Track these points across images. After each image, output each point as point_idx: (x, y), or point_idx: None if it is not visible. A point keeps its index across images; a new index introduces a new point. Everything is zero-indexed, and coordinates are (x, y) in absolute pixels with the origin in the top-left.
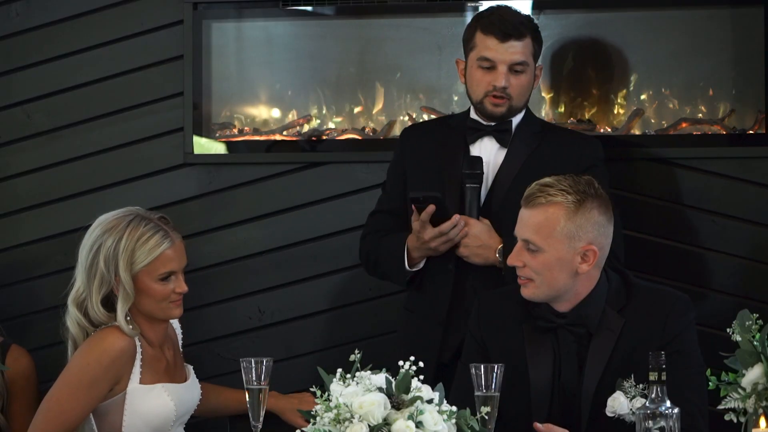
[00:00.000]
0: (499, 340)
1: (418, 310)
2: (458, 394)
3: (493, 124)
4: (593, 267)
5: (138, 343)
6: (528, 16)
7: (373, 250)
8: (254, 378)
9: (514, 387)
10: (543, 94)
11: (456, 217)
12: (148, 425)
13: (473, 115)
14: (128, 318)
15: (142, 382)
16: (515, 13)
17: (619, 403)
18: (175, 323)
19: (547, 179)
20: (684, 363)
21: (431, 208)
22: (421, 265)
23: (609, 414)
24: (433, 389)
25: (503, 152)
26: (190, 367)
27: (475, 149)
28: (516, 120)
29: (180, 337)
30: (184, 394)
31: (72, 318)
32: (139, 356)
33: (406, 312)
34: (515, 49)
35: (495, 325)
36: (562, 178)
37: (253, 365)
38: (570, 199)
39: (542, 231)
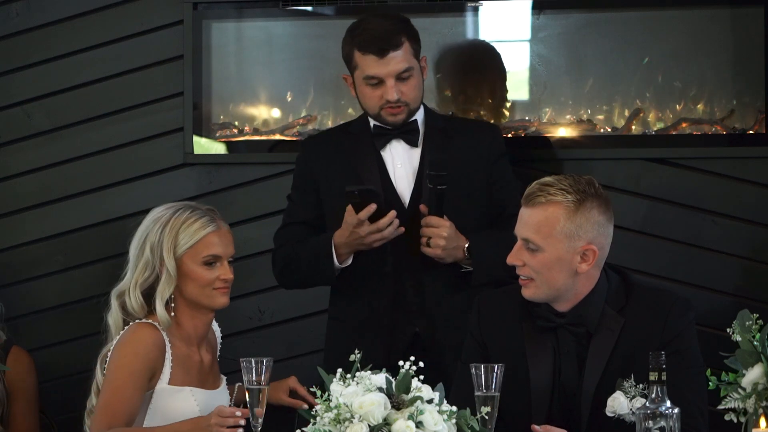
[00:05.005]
0: (499, 339)
1: (351, 318)
2: (458, 394)
3: (398, 126)
4: (593, 267)
5: (167, 340)
6: (398, 18)
7: (293, 257)
8: (254, 378)
9: (515, 386)
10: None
11: (393, 213)
12: None
13: (375, 120)
14: (172, 305)
15: (171, 382)
16: (385, 22)
17: (618, 403)
18: (217, 330)
19: (547, 178)
20: (684, 363)
21: (372, 206)
22: (350, 261)
23: (609, 414)
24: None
25: (414, 152)
26: (224, 377)
27: (386, 153)
28: (419, 118)
29: (219, 343)
30: (211, 402)
31: (111, 313)
32: (168, 354)
33: (336, 322)
34: (396, 60)
35: (495, 325)
36: (563, 177)
37: (253, 365)
38: (570, 199)
39: (542, 230)
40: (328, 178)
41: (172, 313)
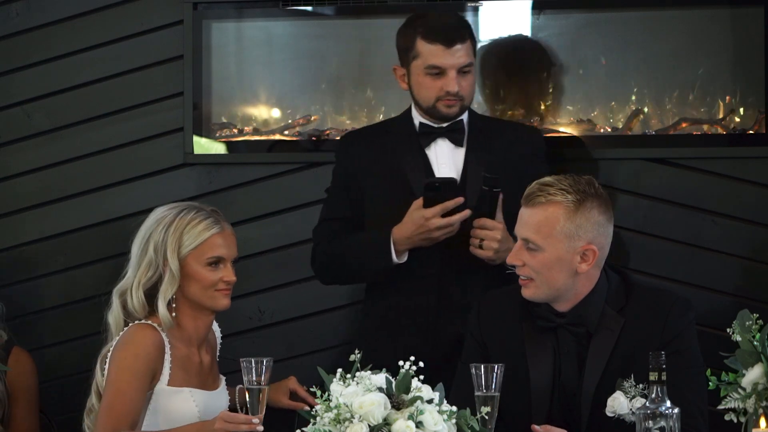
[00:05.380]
0: (499, 339)
1: (392, 317)
2: (458, 394)
3: (444, 125)
4: (593, 267)
5: (166, 341)
6: (461, 16)
7: (338, 253)
8: (254, 378)
9: (515, 386)
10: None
11: (465, 205)
12: (169, 428)
13: (421, 118)
14: (173, 305)
15: (170, 383)
16: (450, 16)
17: (618, 403)
18: (217, 331)
19: (547, 178)
20: (683, 363)
21: (460, 199)
22: (405, 257)
23: (609, 414)
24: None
25: (459, 152)
26: (223, 378)
27: (431, 151)
28: (464, 118)
29: (219, 344)
30: (210, 403)
31: (112, 311)
32: (168, 355)
33: (373, 320)
34: (461, 53)
35: (495, 325)
36: (563, 177)
37: (253, 365)
38: (570, 199)
39: (542, 230)
40: (372, 175)
41: (173, 314)
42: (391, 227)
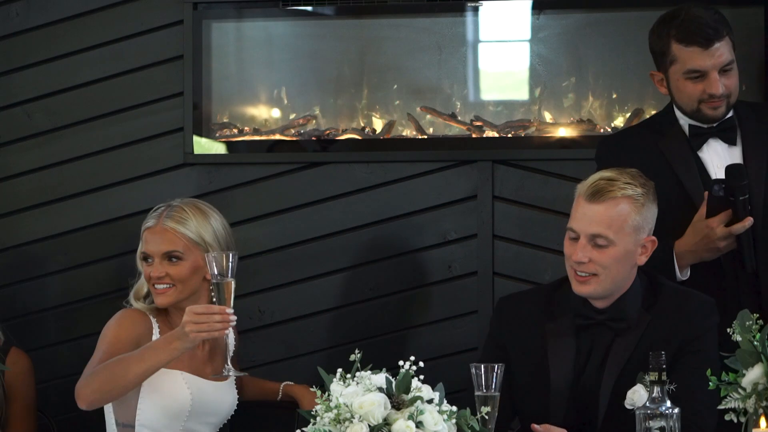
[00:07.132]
0: (520, 342)
1: None
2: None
3: (714, 124)
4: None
5: (154, 321)
6: (714, 10)
7: None
8: (218, 271)
9: (535, 388)
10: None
11: (750, 219)
12: (163, 411)
13: (688, 119)
14: (146, 300)
15: None
16: (704, 13)
17: (639, 396)
18: (231, 335)
19: (607, 173)
20: (699, 363)
21: (749, 219)
22: (687, 274)
23: (628, 406)
24: None
25: (735, 150)
26: (232, 376)
27: (705, 154)
28: (731, 113)
29: (233, 342)
30: (207, 392)
31: None
32: (156, 336)
33: None
34: (721, 51)
35: (516, 328)
36: (617, 171)
37: (216, 258)
38: (639, 192)
39: (614, 225)
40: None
41: (145, 302)
42: (667, 237)
